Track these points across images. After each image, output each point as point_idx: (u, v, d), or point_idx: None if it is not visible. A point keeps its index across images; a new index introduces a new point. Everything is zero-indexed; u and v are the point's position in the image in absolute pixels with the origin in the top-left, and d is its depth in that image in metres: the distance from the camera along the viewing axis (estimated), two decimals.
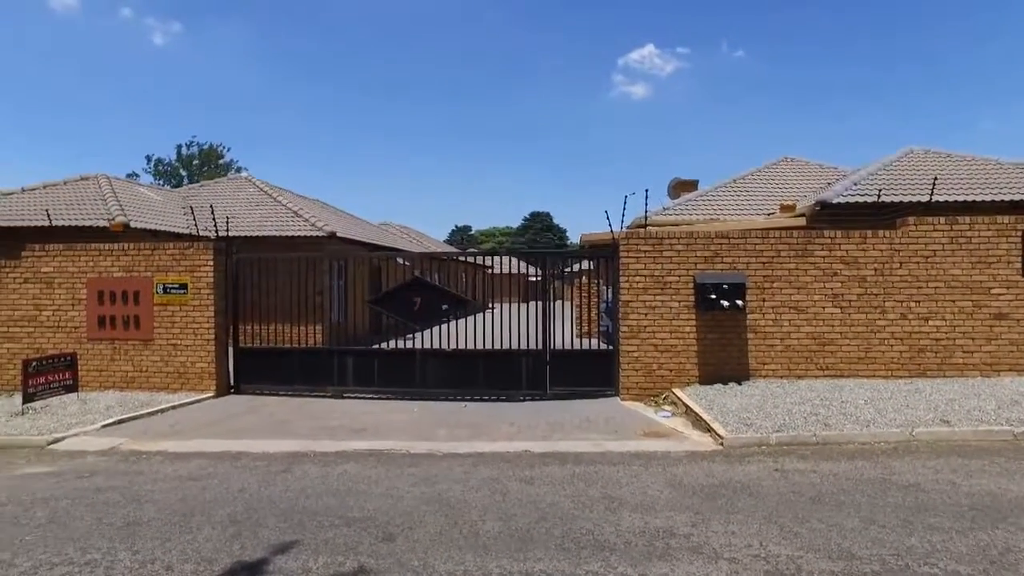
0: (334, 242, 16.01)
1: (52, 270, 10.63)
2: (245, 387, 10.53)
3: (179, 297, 10.20)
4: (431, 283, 10.36)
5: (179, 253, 10.30)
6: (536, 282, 28.88)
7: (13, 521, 5.04)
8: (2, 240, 13.24)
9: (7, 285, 10.75)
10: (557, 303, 10.32)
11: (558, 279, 10.52)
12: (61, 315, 10.58)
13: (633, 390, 9.51)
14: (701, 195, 17.32)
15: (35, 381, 8.96)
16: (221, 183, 21.45)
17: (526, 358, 9.98)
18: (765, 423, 7.19)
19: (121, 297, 10.36)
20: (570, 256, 15.51)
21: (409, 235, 36.17)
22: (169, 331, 10.25)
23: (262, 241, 15.38)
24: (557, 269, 10.70)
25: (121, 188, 17.24)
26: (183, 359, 10.23)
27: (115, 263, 10.46)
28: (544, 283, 10.26)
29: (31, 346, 10.56)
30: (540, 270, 10.74)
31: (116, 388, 10.29)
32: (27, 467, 6.73)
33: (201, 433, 7.94)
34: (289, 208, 17.42)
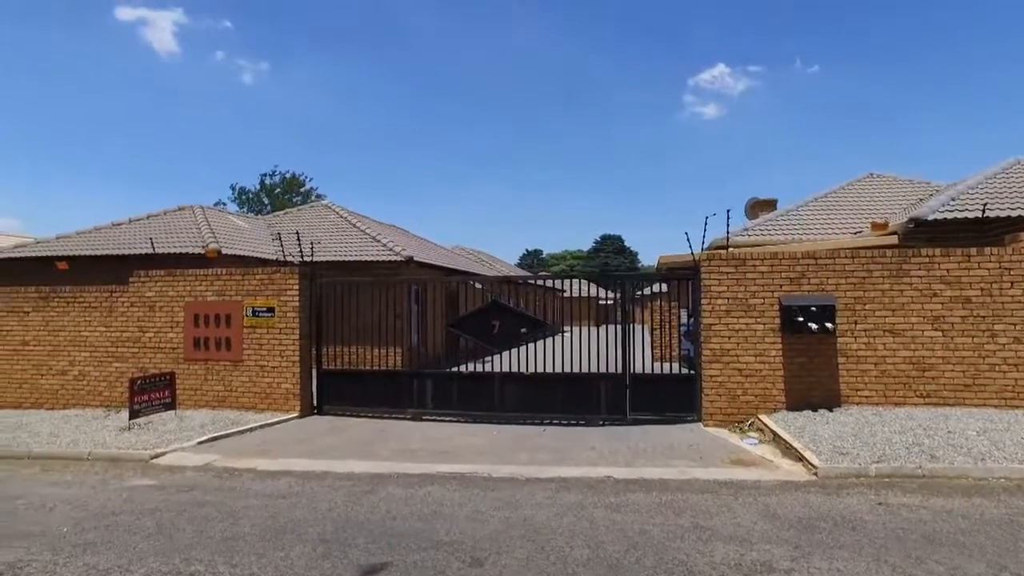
0: (411, 266, 16.37)
1: (154, 294, 11.31)
2: (327, 408, 10.82)
3: (267, 320, 10.63)
4: (509, 307, 10.41)
5: (267, 278, 10.76)
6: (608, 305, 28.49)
7: (126, 530, 5.35)
8: (113, 267, 14.19)
9: (116, 308, 11.52)
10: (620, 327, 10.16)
11: (622, 303, 10.35)
12: (161, 336, 11.22)
13: (716, 416, 9.20)
14: (781, 215, 16.77)
15: (139, 399, 9.50)
16: (303, 210, 22.36)
17: (605, 382, 9.84)
18: (863, 453, 6.79)
19: (214, 320, 10.89)
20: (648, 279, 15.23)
21: (482, 259, 36.61)
22: (257, 353, 10.69)
23: (343, 266, 15.90)
24: (620, 293, 10.54)
25: (213, 217, 18.25)
26: (269, 380, 10.62)
27: (209, 288, 11.03)
28: (623, 306, 10.12)
29: (136, 365, 11.24)
30: (618, 293, 10.63)
31: (209, 407, 10.78)
32: (135, 479, 7.11)
33: (288, 452, 8.19)
34: (368, 234, 17.96)
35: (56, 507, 6.11)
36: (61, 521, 5.67)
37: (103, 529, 5.40)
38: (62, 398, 11.71)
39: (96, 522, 5.60)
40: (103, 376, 11.53)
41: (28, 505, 6.23)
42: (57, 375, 11.80)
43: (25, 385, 11.96)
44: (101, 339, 11.59)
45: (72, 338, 11.77)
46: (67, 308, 11.86)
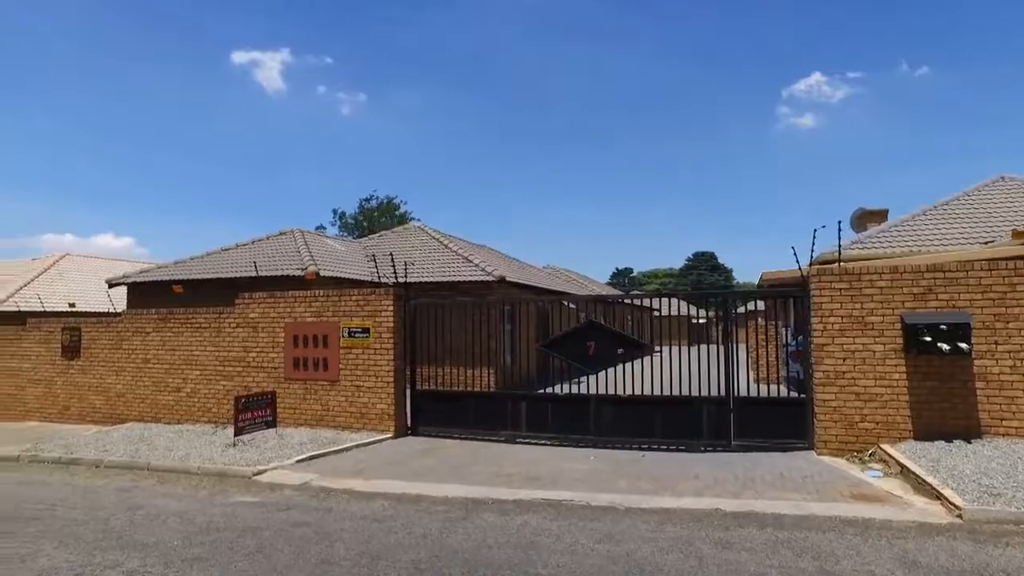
0: (503, 286, 16.33)
1: (257, 316, 11.77)
2: (421, 429, 10.82)
3: (362, 340, 10.80)
4: (606, 327, 10.08)
5: (362, 299, 10.94)
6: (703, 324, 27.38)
7: (228, 547, 5.46)
8: (222, 290, 14.96)
9: (224, 329, 12.08)
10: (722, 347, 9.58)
11: (723, 322, 9.78)
12: (264, 356, 11.64)
13: (831, 444, 8.47)
14: (895, 225, 15.53)
15: (243, 416, 9.83)
16: (397, 232, 22.91)
17: (707, 406, 9.30)
18: (1020, 495, 5.94)
19: (312, 340, 11.18)
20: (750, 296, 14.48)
21: (572, 278, 36.30)
22: (353, 373, 10.86)
23: (435, 286, 16.08)
24: (721, 311, 9.96)
25: (312, 240, 18.98)
26: (365, 400, 10.75)
27: (307, 309, 11.35)
28: (725, 325, 9.58)
29: (240, 384, 11.71)
30: (719, 311, 10.09)
31: (307, 425, 11.03)
32: (238, 495, 7.30)
33: (383, 473, 8.18)
34: (460, 254, 18.12)
35: (168, 520, 6.33)
36: (172, 534, 5.87)
37: (208, 545, 5.51)
38: (177, 413, 12.36)
39: (202, 537, 5.74)
40: (212, 393, 12.09)
41: (145, 516, 6.52)
42: (173, 392, 12.49)
43: (147, 400, 12.72)
44: (210, 358, 12.17)
45: (185, 357, 12.43)
46: (181, 329, 12.55)
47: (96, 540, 5.77)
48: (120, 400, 13.01)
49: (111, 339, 13.29)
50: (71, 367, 13.72)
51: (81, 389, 13.54)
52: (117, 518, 6.49)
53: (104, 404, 13.19)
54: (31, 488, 8.08)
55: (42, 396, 14.03)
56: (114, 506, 6.99)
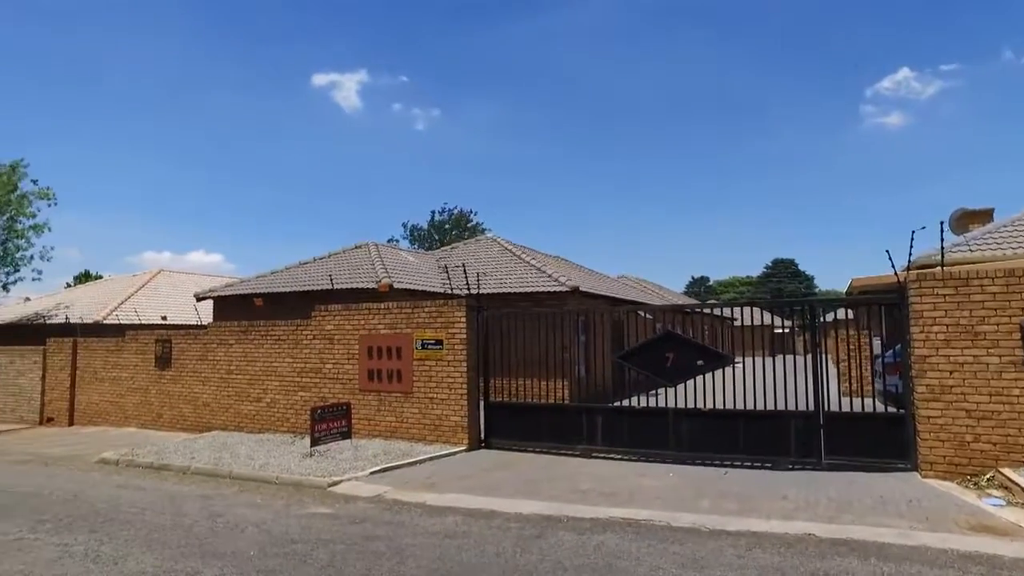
0: (576, 297, 16.06)
1: (333, 328, 11.97)
2: (494, 441, 10.68)
3: (435, 352, 10.77)
4: (685, 337, 9.66)
5: (435, 311, 10.93)
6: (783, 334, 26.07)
7: (302, 559, 5.44)
8: (300, 302, 15.37)
9: (301, 341, 12.35)
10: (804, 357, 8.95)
11: (810, 331, 9.16)
12: (339, 368, 11.81)
13: (938, 465, 7.74)
14: (1004, 225, 14.25)
15: (319, 427, 9.96)
16: (469, 244, 23.01)
17: (794, 420, 8.72)
18: None
19: (386, 352, 11.25)
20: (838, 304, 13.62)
21: (647, 288, 35.55)
22: (426, 385, 10.84)
23: (507, 297, 15.97)
24: (808, 320, 9.33)
25: (385, 253, 19.29)
26: (438, 412, 10.70)
27: (381, 321, 11.45)
28: (812, 335, 8.98)
29: (317, 395, 11.92)
30: (804, 320, 9.49)
31: (381, 437, 11.09)
32: (312, 507, 7.34)
33: (455, 487, 8.06)
34: (533, 265, 17.98)
35: (246, 529, 6.41)
36: (249, 544, 5.92)
37: (283, 557, 5.51)
38: (257, 422, 12.72)
39: (277, 548, 5.75)
40: (290, 404, 12.36)
41: (225, 524, 6.62)
42: (254, 402, 12.86)
43: (230, 410, 13.16)
44: (288, 370, 12.47)
45: (265, 368, 12.79)
46: (261, 341, 12.93)
47: (179, 546, 5.89)
48: (206, 409, 13.52)
49: (198, 350, 13.86)
50: (163, 377, 14.38)
51: (172, 398, 14.16)
52: (200, 525, 6.62)
53: (192, 413, 13.75)
54: (127, 492, 8.42)
55: (139, 404, 14.77)
56: (197, 513, 7.15)
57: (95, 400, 15.74)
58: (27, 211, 21.07)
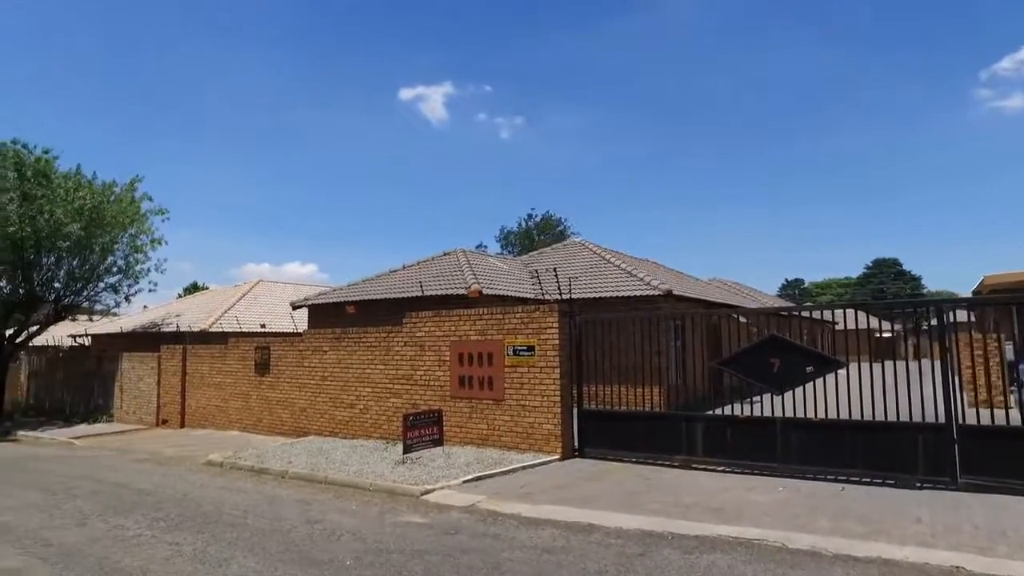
0: (670, 301, 15.49)
1: (423, 334, 11.99)
2: (588, 450, 10.34)
3: (527, 359, 10.56)
4: (792, 341, 8.99)
5: (526, 316, 10.72)
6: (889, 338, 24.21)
7: (397, 571, 5.35)
8: (391, 309, 15.60)
9: (392, 348, 12.46)
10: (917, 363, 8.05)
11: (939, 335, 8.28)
12: (430, 374, 11.81)
13: None
14: None
15: (411, 434, 9.95)
16: (558, 248, 22.76)
17: (922, 434, 7.90)
18: None
19: (477, 358, 11.14)
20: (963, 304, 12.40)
21: (740, 291, 34.14)
22: (518, 392, 10.64)
23: (598, 302, 15.59)
24: (935, 323, 8.41)
25: (474, 259, 19.34)
26: (531, 420, 10.47)
27: (472, 327, 11.35)
28: (943, 340, 8.12)
29: (409, 401, 11.96)
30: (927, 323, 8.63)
31: (473, 444, 10.97)
32: (406, 515, 7.26)
33: (551, 497, 7.79)
34: (623, 268, 17.52)
35: (342, 537, 6.38)
36: (345, 552, 5.88)
37: (378, 567, 5.42)
38: (351, 428, 12.92)
39: (373, 557, 5.68)
40: (382, 410, 12.48)
41: (322, 531, 6.64)
42: (347, 408, 13.09)
43: (325, 415, 13.46)
44: (380, 376, 12.60)
45: (358, 375, 12.99)
46: (354, 348, 13.15)
47: (279, 552, 5.92)
48: (303, 414, 13.88)
49: (294, 357, 14.27)
50: (262, 383, 14.91)
51: (270, 403, 14.65)
52: (297, 531, 6.66)
53: (289, 417, 14.16)
54: (230, 494, 8.67)
55: (241, 408, 15.38)
56: (295, 518, 7.22)
57: (202, 404, 16.55)
58: (145, 228, 22.50)
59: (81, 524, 7.32)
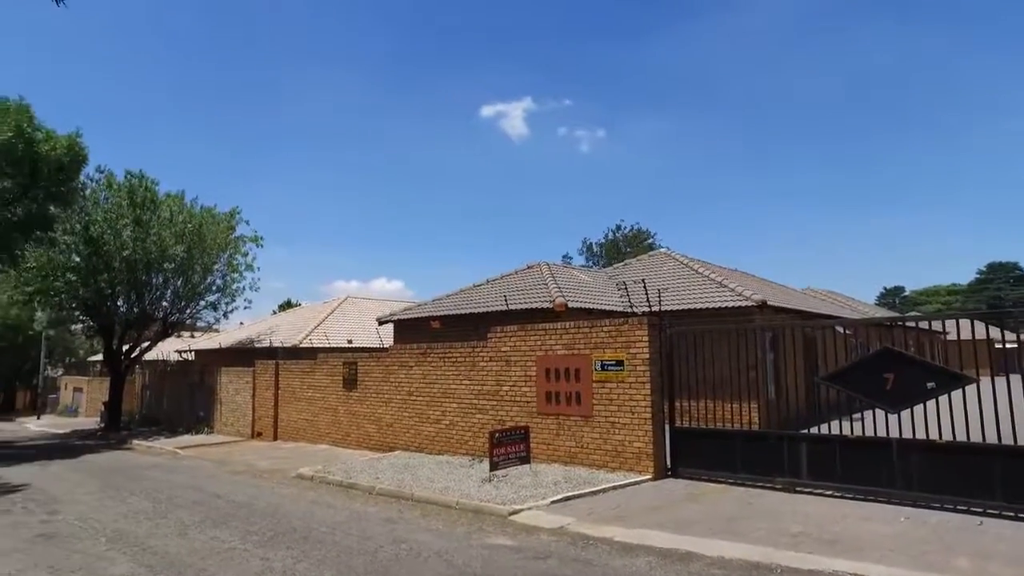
0: (764, 312, 14.69)
1: (509, 349, 11.81)
2: (682, 470, 9.82)
3: (615, 374, 10.18)
4: (908, 355, 8.20)
5: (614, 330, 10.35)
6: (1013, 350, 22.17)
7: None
8: (475, 324, 15.57)
9: (477, 363, 12.35)
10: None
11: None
12: (516, 390, 11.60)
13: None
14: None
15: (498, 451, 9.75)
16: (643, 260, 22.18)
17: None
18: None
19: (564, 373, 10.84)
20: None
21: (837, 300, 32.24)
22: (607, 408, 10.26)
23: (688, 314, 14.97)
24: None
25: (558, 272, 19.08)
26: (620, 437, 10.07)
27: (558, 341, 11.08)
28: None
29: (495, 417, 11.80)
30: None
31: (560, 462, 10.66)
32: (493, 536, 7.04)
33: (644, 521, 7.37)
34: (713, 279, 16.80)
35: (428, 559, 6.23)
36: (432, 575, 5.70)
37: None
38: (437, 444, 12.88)
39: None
40: (468, 426, 12.37)
41: (408, 551, 6.52)
42: (433, 423, 13.07)
43: (412, 431, 13.50)
44: (466, 392, 12.51)
45: (443, 390, 12.95)
46: (439, 363, 13.14)
47: (365, 573, 5.85)
48: (389, 429, 13.99)
49: (380, 372, 14.43)
50: (350, 397, 15.16)
51: (358, 418, 14.87)
52: (384, 551, 6.56)
53: (376, 432, 14.30)
54: (319, 509, 8.73)
55: (330, 423, 15.70)
56: (382, 537, 7.14)
57: (293, 417, 17.02)
58: (242, 251, 23.69)
59: (182, 534, 7.54)
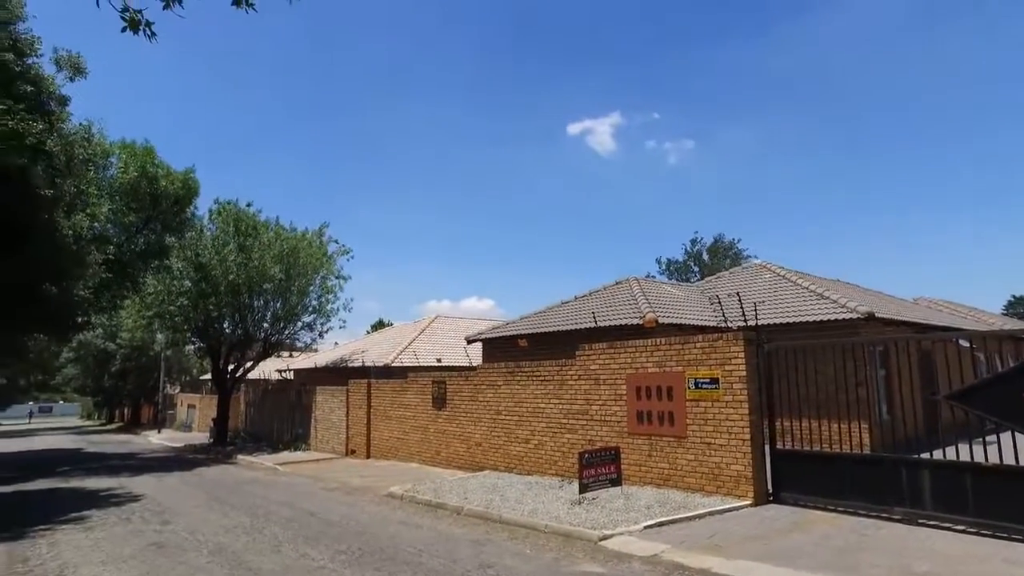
0: (871, 324, 13.60)
1: (598, 367, 11.47)
2: (784, 496, 9.13)
3: (710, 392, 9.64)
4: None
5: (708, 346, 9.83)
6: None
7: None
8: (563, 342, 15.30)
9: (566, 382, 12.07)
10: None
11: None
12: (606, 409, 11.23)
13: None
14: None
15: (588, 473, 9.42)
16: (736, 272, 21.25)
17: None
18: None
19: (656, 392, 10.39)
20: None
21: (956, 310, 29.60)
22: (702, 428, 9.72)
23: (785, 328, 14.10)
24: None
25: (648, 287, 18.54)
26: (717, 459, 9.50)
27: (649, 359, 10.64)
28: None
29: (584, 437, 11.46)
30: None
31: (653, 484, 10.18)
32: (583, 563, 6.74)
33: (746, 551, 6.84)
34: (812, 291, 15.78)
35: None
36: None
37: None
38: (525, 464, 12.65)
39: None
40: (557, 446, 12.08)
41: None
42: (521, 443, 12.86)
43: (500, 450, 13.35)
44: (554, 411, 12.24)
45: (532, 409, 12.74)
46: (527, 382, 12.95)
47: None
48: (478, 449, 13.90)
49: (469, 391, 14.40)
50: (439, 416, 15.22)
51: (447, 437, 14.88)
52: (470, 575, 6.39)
53: (465, 452, 14.25)
54: (407, 529, 8.70)
55: (420, 441, 15.82)
56: (469, 560, 6.97)
57: (385, 436, 17.28)
58: (333, 269, 24.60)
59: (276, 550, 7.68)
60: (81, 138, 16.02)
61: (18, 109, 12.44)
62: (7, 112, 12.00)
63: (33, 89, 13.79)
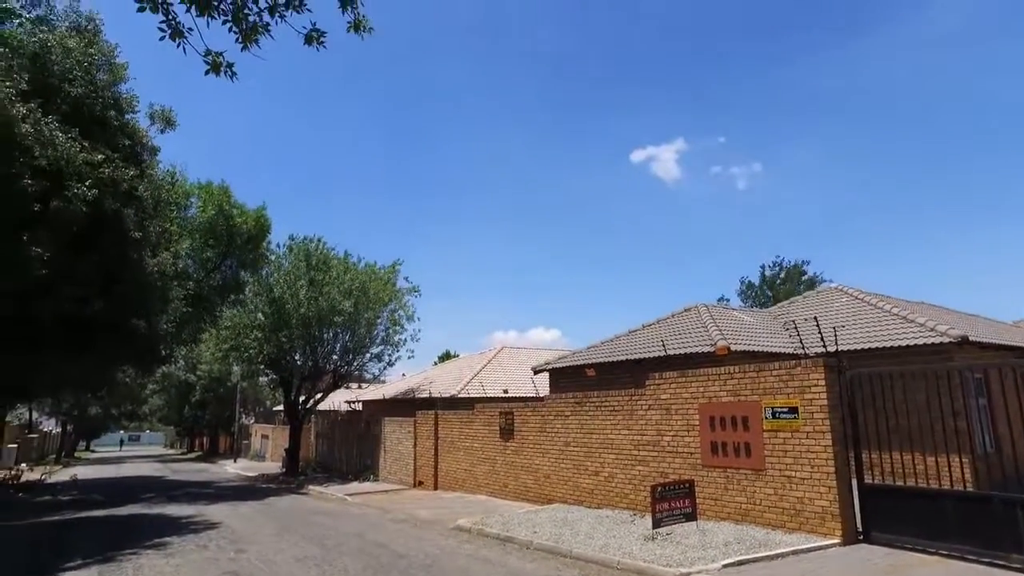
0: (965, 349, 12.70)
1: (668, 396, 11.13)
2: (876, 535, 8.50)
3: (789, 422, 9.17)
4: None
5: (785, 373, 9.38)
6: None
7: None
8: (632, 371, 14.97)
9: (636, 412, 11.76)
10: None
11: None
12: (678, 440, 10.84)
13: None
14: None
15: (661, 507, 9.06)
16: (809, 297, 20.39)
17: None
18: None
19: (730, 422, 9.97)
20: None
21: None
22: (781, 460, 9.24)
23: (866, 354, 13.34)
24: None
25: (717, 314, 17.99)
26: (798, 494, 8.98)
27: (722, 387, 10.25)
28: None
29: (656, 470, 11.08)
30: None
31: (730, 520, 9.71)
32: None
33: None
34: (895, 314, 14.91)
35: None
36: None
37: None
38: (595, 497, 12.32)
39: None
40: (628, 479, 11.72)
41: None
42: (591, 475, 12.55)
43: (569, 482, 13.06)
44: (624, 442, 11.91)
45: (601, 440, 12.44)
46: (596, 412, 12.68)
47: None
48: (547, 481, 13.64)
49: (537, 422, 14.21)
50: (507, 448, 15.06)
51: (515, 468, 14.69)
52: None
53: (533, 484, 14.01)
54: (475, 563, 8.56)
55: (488, 473, 15.68)
56: None
57: (452, 467, 17.23)
58: (402, 304, 25.04)
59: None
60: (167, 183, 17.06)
61: (114, 158, 13.42)
62: (106, 161, 12.95)
63: (129, 142, 14.91)
